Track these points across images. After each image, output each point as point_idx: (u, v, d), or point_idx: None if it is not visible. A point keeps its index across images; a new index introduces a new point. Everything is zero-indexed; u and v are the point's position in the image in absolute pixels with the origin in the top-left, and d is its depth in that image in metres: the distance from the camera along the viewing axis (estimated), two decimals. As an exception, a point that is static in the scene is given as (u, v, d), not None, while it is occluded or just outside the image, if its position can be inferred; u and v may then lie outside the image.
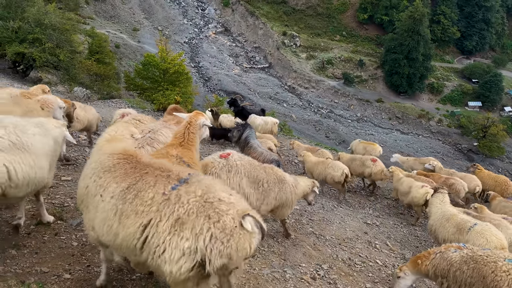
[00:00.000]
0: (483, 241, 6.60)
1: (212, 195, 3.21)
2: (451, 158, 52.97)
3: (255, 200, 6.14)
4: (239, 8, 78.20)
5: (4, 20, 21.03)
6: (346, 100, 64.05)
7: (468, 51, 75.18)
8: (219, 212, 3.08)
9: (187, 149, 4.77)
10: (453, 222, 7.29)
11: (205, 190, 3.24)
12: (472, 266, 4.62)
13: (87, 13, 65.86)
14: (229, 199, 3.24)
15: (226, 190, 3.42)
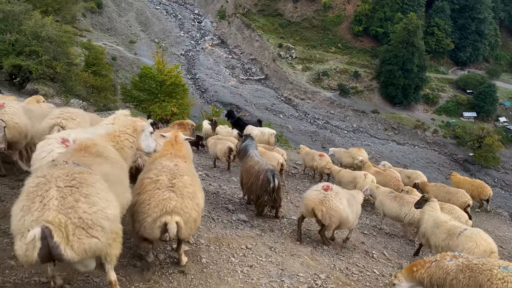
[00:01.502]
0: (472, 245, 6.76)
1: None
2: (447, 168, 53.09)
3: (353, 216, 7.78)
4: (235, 20, 78.89)
5: (1, 33, 21.10)
6: (342, 111, 64.41)
7: (462, 62, 76.03)
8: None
9: (178, 150, 5.42)
10: (444, 228, 7.45)
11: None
12: (468, 274, 4.64)
13: (84, 25, 66.23)
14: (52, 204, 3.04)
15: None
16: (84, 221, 3.04)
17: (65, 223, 2.96)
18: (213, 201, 8.99)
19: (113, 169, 3.84)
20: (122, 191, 3.79)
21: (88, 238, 3.04)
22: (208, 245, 6.07)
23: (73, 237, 2.97)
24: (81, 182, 3.22)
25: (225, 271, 5.37)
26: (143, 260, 4.93)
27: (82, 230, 3.02)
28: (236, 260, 5.82)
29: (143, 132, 4.73)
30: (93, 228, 3.08)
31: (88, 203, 3.13)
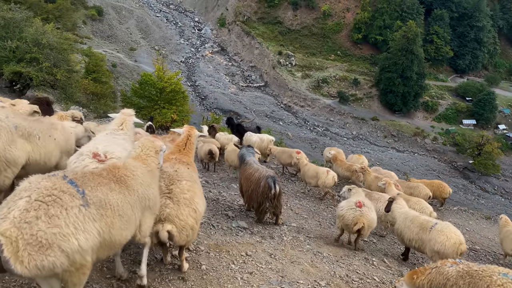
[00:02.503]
0: (444, 238, 7.31)
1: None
2: (447, 176, 53.08)
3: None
4: (235, 28, 79.32)
5: (2, 40, 21.17)
6: (342, 118, 64.53)
7: (461, 69, 76.37)
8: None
9: (185, 155, 5.55)
10: (416, 223, 7.96)
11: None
12: (468, 280, 4.67)
13: (85, 33, 66.55)
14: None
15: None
16: (38, 239, 2.82)
17: (16, 238, 2.78)
18: (213, 208, 8.97)
19: (120, 201, 3.59)
20: (119, 226, 3.51)
21: (41, 255, 2.81)
22: (208, 251, 6.05)
23: (23, 253, 2.77)
24: (55, 201, 3.01)
25: (225, 278, 5.35)
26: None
27: (34, 247, 2.81)
28: (236, 267, 5.81)
29: (161, 152, 4.76)
30: (49, 248, 2.85)
31: (49, 223, 2.89)
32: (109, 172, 3.78)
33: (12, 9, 23.55)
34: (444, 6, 75.60)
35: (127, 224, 3.68)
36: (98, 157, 4.54)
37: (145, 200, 4.00)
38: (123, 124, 5.70)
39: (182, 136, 5.80)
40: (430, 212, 10.09)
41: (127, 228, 3.69)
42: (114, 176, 3.76)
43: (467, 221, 13.76)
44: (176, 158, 5.34)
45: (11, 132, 4.95)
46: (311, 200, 12.74)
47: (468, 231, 12.64)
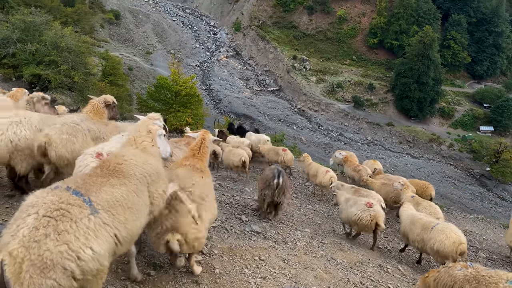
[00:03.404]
0: (443, 237, 7.56)
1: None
2: (463, 183, 52.26)
3: None
4: (250, 32, 79.61)
5: (22, 43, 21.67)
6: (356, 123, 64.09)
7: (479, 75, 75.23)
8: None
9: (199, 159, 5.52)
10: (419, 224, 8.32)
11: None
12: (474, 285, 4.74)
13: (102, 36, 67.57)
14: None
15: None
16: (43, 260, 2.76)
17: (23, 258, 2.73)
18: (226, 212, 8.98)
19: (125, 193, 3.57)
20: (132, 218, 3.53)
21: (42, 278, 2.74)
22: (221, 255, 6.05)
23: (25, 274, 2.70)
24: (64, 215, 2.97)
25: (238, 282, 5.34)
26: (157, 269, 4.94)
27: (37, 268, 2.73)
28: (249, 271, 5.79)
29: (158, 136, 4.79)
30: (51, 269, 2.78)
31: (57, 240, 2.84)
32: (102, 168, 3.76)
33: (33, 13, 24.06)
34: (462, 11, 74.67)
35: (139, 213, 3.69)
36: (101, 156, 4.62)
37: (145, 178, 3.95)
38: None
39: (197, 140, 5.79)
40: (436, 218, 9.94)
41: (140, 217, 3.72)
42: (108, 170, 3.72)
43: (484, 229, 13.50)
44: (190, 165, 5.29)
45: (85, 135, 5.55)
46: (325, 205, 12.66)
47: (485, 240, 12.40)
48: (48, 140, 5.25)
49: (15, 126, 5.40)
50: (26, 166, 5.61)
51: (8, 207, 5.49)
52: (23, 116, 5.60)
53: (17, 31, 22.09)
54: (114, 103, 7.01)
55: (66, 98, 26.59)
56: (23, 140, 5.37)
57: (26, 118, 5.58)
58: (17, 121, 5.46)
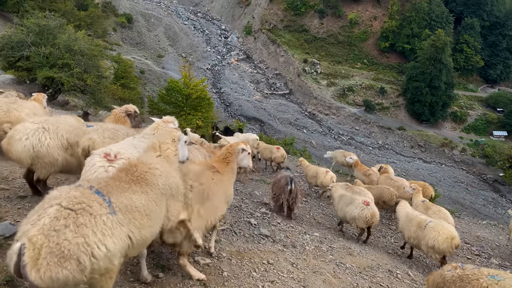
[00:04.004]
0: (435, 234, 8.07)
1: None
2: (476, 188, 51.57)
3: None
4: (261, 36, 79.78)
5: (37, 46, 21.96)
6: (367, 127, 63.71)
7: (492, 80, 74.34)
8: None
9: (221, 162, 5.75)
10: (415, 222, 8.81)
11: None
12: (458, 284, 5.06)
13: (114, 39, 68.28)
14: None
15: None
16: (61, 249, 2.84)
17: (41, 245, 2.81)
18: (235, 215, 8.98)
19: (145, 200, 3.67)
20: (148, 225, 3.63)
21: (58, 267, 2.81)
22: (229, 258, 6.06)
23: (42, 261, 2.77)
24: (84, 209, 3.07)
25: (246, 286, 5.34)
26: (166, 271, 4.96)
27: (54, 257, 2.81)
28: (257, 275, 5.78)
29: (180, 142, 4.91)
30: (67, 259, 2.84)
31: (76, 232, 2.93)
32: (127, 173, 3.83)
33: (47, 17, 24.37)
34: (475, 14, 73.93)
35: (155, 221, 3.79)
36: (108, 157, 4.71)
37: (167, 190, 4.05)
38: (156, 129, 5.82)
39: (225, 147, 6.00)
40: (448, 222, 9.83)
41: (155, 225, 3.81)
42: (133, 176, 3.80)
43: (497, 236, 13.30)
44: (208, 164, 5.59)
45: (124, 139, 5.74)
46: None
47: (498, 247, 12.21)
48: (92, 144, 5.56)
49: (41, 133, 5.51)
50: (45, 173, 5.75)
51: (20, 208, 5.57)
52: (52, 124, 5.71)
53: (31, 35, 22.39)
54: (136, 112, 7.18)
55: (78, 100, 26.92)
56: (45, 147, 5.47)
57: (53, 126, 5.70)
58: (44, 128, 5.58)
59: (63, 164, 5.75)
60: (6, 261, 2.90)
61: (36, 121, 5.68)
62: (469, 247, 11.61)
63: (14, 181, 6.59)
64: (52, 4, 45.72)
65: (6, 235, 4.52)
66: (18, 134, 5.43)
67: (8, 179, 6.72)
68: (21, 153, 5.40)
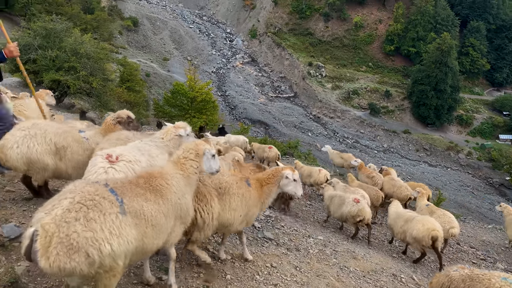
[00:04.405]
0: (420, 226, 8.72)
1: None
2: (482, 192, 51.22)
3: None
4: (266, 39, 79.90)
5: (43, 49, 22.14)
6: (372, 130, 63.54)
7: (498, 83, 73.96)
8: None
9: (261, 183, 5.65)
10: (403, 218, 9.47)
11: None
12: (468, 283, 5.02)
13: (120, 43, 68.66)
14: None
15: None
16: (70, 240, 2.94)
17: (53, 233, 2.92)
18: (240, 218, 8.98)
19: (155, 211, 3.73)
20: (152, 235, 3.68)
21: (67, 258, 2.92)
22: (233, 261, 6.06)
23: (52, 250, 2.89)
24: (95, 205, 3.17)
25: (249, 289, 5.34)
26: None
27: (64, 247, 2.92)
28: (260, 278, 5.78)
29: (204, 156, 4.82)
30: (76, 252, 2.95)
31: (85, 226, 3.04)
32: (146, 181, 3.89)
33: (54, 20, 24.57)
34: (480, 18, 73.66)
35: (160, 233, 3.82)
36: (110, 158, 4.74)
37: (177, 210, 4.10)
38: (166, 134, 5.84)
39: (273, 169, 5.86)
40: (450, 227, 9.84)
41: (159, 237, 3.82)
42: (150, 186, 3.87)
43: (502, 240, 13.20)
44: (244, 176, 5.61)
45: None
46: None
47: (504, 251, 12.13)
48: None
49: (29, 139, 5.46)
50: (40, 178, 5.75)
51: (25, 210, 5.61)
52: (39, 129, 5.63)
53: (38, 38, 22.59)
54: (129, 118, 6.81)
55: (84, 103, 27.09)
56: (34, 154, 5.44)
57: (41, 130, 5.62)
58: (32, 135, 5.51)
59: (54, 168, 5.70)
60: (22, 243, 3.01)
61: (23, 127, 5.60)
62: (474, 251, 11.54)
63: (20, 184, 6.64)
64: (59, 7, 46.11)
65: (11, 236, 4.56)
66: (8, 142, 5.40)
67: (14, 181, 6.78)
68: (15, 161, 5.40)
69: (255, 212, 5.65)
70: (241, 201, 5.29)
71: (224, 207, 5.15)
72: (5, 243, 4.47)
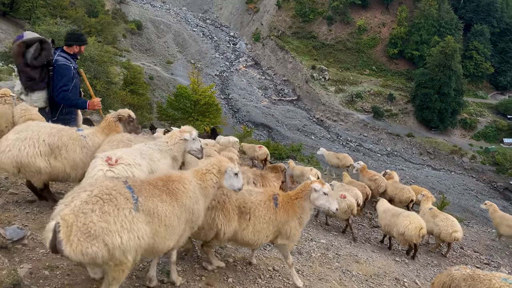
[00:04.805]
0: (407, 221, 9.18)
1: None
2: (486, 196, 50.91)
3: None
4: (269, 42, 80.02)
5: (48, 53, 22.27)
6: (376, 134, 63.41)
7: (502, 86, 73.70)
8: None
9: (292, 200, 5.46)
10: (389, 213, 9.95)
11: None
12: (469, 283, 5.11)
13: (124, 46, 68.94)
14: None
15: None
16: (87, 229, 3.22)
17: (72, 223, 3.19)
18: (242, 221, 8.97)
19: (169, 212, 3.92)
20: (163, 235, 3.87)
21: (87, 243, 3.20)
22: (235, 264, 6.06)
23: (73, 237, 3.17)
24: (111, 200, 3.41)
25: (251, 292, 5.33)
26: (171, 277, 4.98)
27: (83, 234, 3.19)
28: (262, 281, 5.77)
29: (226, 173, 4.86)
30: (95, 238, 3.22)
31: (100, 217, 3.29)
32: (164, 184, 4.11)
33: (58, 24, 24.75)
34: (484, 21, 73.50)
35: (172, 234, 4.00)
36: (109, 160, 4.78)
37: (189, 214, 4.26)
38: (170, 138, 5.86)
39: (303, 184, 5.62)
40: (453, 230, 9.82)
41: (171, 238, 4.01)
42: (167, 188, 4.08)
43: (506, 245, 13.13)
44: (274, 196, 5.43)
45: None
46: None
47: (508, 255, 12.06)
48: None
49: (20, 142, 5.38)
50: (37, 181, 5.67)
51: (29, 212, 5.63)
52: (32, 131, 5.54)
53: (42, 41, 22.74)
54: (130, 117, 6.75)
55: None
56: (25, 157, 5.36)
57: (34, 132, 5.53)
58: (23, 138, 5.43)
59: (49, 171, 5.58)
60: (44, 238, 3.24)
61: (17, 131, 5.54)
62: (478, 255, 11.48)
63: (23, 186, 6.67)
64: (63, 11, 46.42)
65: (14, 239, 4.58)
66: (1, 146, 5.37)
67: (17, 183, 6.81)
68: (6, 165, 5.35)
69: (291, 229, 5.40)
70: (267, 224, 5.22)
71: (246, 227, 5.15)
72: (8, 245, 4.49)
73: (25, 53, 5.80)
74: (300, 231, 5.64)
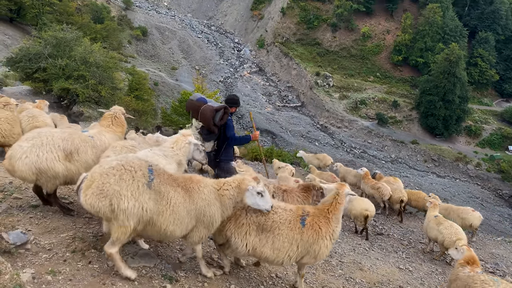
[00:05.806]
0: (356, 205, 10.81)
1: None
2: (491, 204, 50.58)
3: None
4: (273, 49, 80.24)
5: (53, 58, 22.46)
6: (380, 140, 63.21)
7: (507, 94, 73.39)
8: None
9: (326, 216, 5.33)
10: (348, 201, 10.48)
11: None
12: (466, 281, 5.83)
13: (129, 52, 69.34)
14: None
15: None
16: (103, 187, 4.06)
17: (94, 180, 4.10)
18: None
19: (178, 202, 4.48)
20: (167, 218, 4.41)
21: (98, 198, 4.04)
22: (238, 271, 6.04)
23: (89, 191, 4.06)
24: (130, 171, 4.21)
25: (253, 299, 5.30)
26: (173, 283, 4.97)
27: (100, 192, 4.04)
28: (265, 288, 5.75)
29: (248, 191, 4.86)
30: (104, 197, 4.04)
31: (117, 182, 4.10)
32: (184, 180, 4.72)
33: (64, 30, 24.94)
34: (489, 28, 73.39)
35: (177, 221, 4.51)
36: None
37: (200, 214, 4.69)
38: (175, 143, 5.95)
39: (330, 195, 5.49)
40: (457, 238, 9.68)
41: (175, 224, 4.51)
42: (185, 185, 4.67)
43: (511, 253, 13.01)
44: (304, 212, 5.35)
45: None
46: (345, 223, 12.49)
47: (513, 264, 11.93)
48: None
49: (37, 148, 5.44)
50: (51, 187, 5.71)
51: (32, 217, 5.64)
52: (46, 137, 5.61)
53: (48, 47, 22.93)
54: (123, 114, 7.42)
55: (92, 111, 27.32)
56: (44, 163, 5.42)
57: (48, 138, 5.60)
58: (39, 144, 5.49)
59: (65, 174, 5.66)
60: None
61: (30, 137, 5.58)
62: (483, 264, 11.38)
63: (27, 191, 6.69)
64: (69, 17, 46.84)
65: (17, 243, 4.59)
66: (17, 153, 5.39)
67: (21, 188, 6.83)
68: (24, 172, 5.37)
69: (321, 247, 5.24)
70: (289, 243, 5.10)
71: (265, 244, 5.09)
72: (11, 250, 4.50)
73: (214, 116, 7.07)
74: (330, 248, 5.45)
